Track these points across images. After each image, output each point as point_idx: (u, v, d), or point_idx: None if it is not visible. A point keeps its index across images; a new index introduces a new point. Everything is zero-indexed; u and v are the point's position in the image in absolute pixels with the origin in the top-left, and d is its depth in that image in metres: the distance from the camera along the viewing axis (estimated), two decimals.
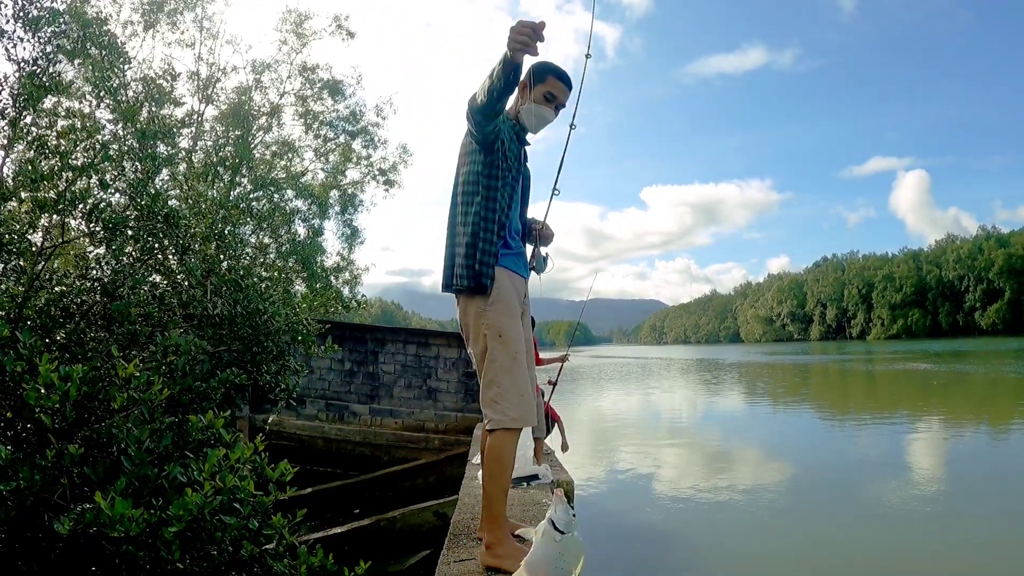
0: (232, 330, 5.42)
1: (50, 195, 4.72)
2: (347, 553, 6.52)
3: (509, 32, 2.36)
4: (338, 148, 24.01)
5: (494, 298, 2.80)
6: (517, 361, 2.77)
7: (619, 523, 9.63)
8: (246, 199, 17.82)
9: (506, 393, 2.73)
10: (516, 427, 2.74)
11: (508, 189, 2.87)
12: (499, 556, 2.65)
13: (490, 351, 2.78)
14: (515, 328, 2.82)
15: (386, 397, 12.83)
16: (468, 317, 2.87)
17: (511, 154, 2.88)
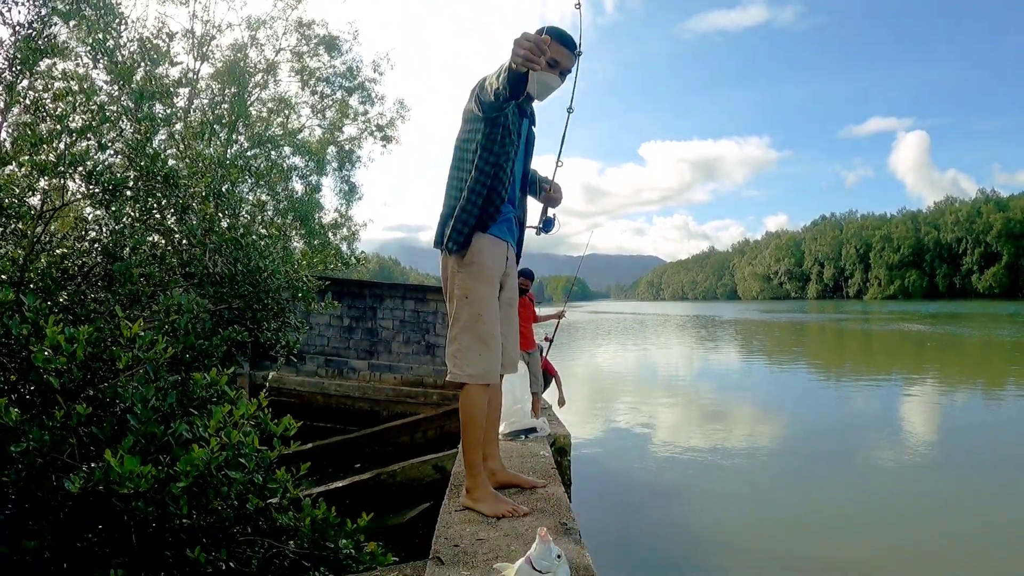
0: (233, 288, 5.47)
1: (50, 158, 4.72)
2: (348, 506, 6.62)
3: (513, 44, 2.38)
4: (335, 104, 23.81)
5: (468, 261, 2.95)
6: (480, 320, 2.92)
7: (615, 477, 9.79)
8: (243, 157, 17.70)
9: (465, 350, 2.92)
10: (474, 382, 2.92)
11: (507, 161, 2.92)
12: (476, 499, 2.88)
13: (456, 309, 2.97)
14: (484, 291, 2.96)
15: (385, 353, 12.92)
16: (445, 273, 3.05)
17: (513, 127, 2.93)
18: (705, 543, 7.31)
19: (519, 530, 2.49)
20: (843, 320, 59.15)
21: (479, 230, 2.94)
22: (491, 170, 2.88)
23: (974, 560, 6.87)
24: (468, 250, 2.94)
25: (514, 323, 3.27)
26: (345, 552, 3.54)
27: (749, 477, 9.79)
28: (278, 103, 22.79)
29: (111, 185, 4.90)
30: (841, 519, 8.03)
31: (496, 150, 2.88)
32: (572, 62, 2.95)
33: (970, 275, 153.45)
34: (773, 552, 7.00)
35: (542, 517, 2.67)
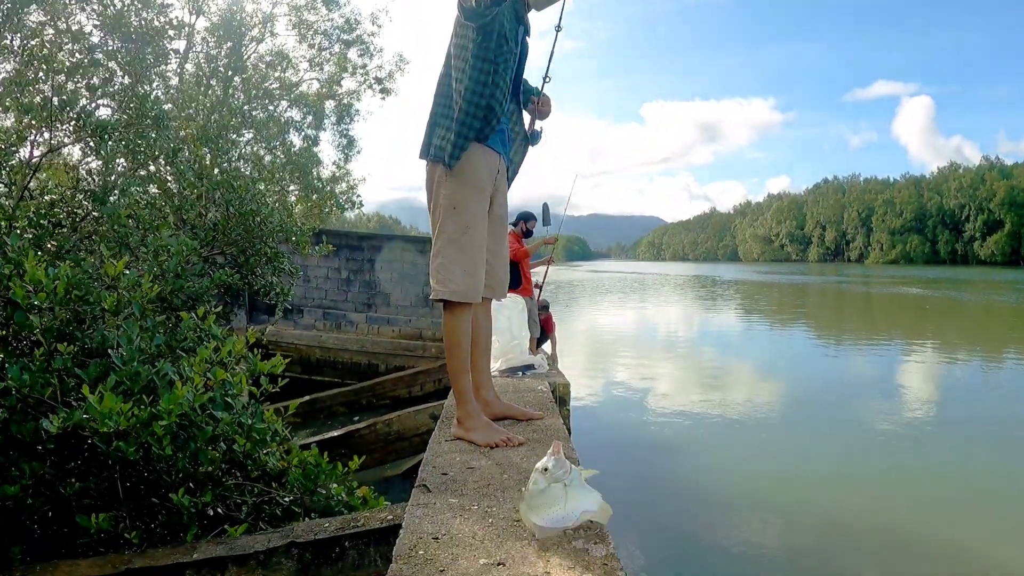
0: (226, 234, 5.37)
1: (36, 100, 4.59)
2: (343, 456, 6.62)
3: None
4: (333, 58, 23.47)
5: (457, 171, 2.74)
6: (467, 234, 2.72)
7: (613, 431, 9.80)
8: (240, 109, 17.45)
9: (450, 264, 2.71)
10: (457, 300, 2.72)
11: (505, 70, 2.75)
12: (467, 429, 2.69)
13: (442, 221, 2.75)
14: (472, 202, 2.76)
15: (383, 305, 12.87)
16: (431, 184, 2.83)
17: (511, 36, 2.76)
18: (702, 495, 7.33)
19: (513, 459, 2.38)
20: (843, 283, 59.16)
21: (475, 141, 2.75)
22: (487, 79, 2.69)
23: (970, 517, 6.89)
24: (459, 160, 2.74)
25: (504, 242, 3.09)
26: (337, 498, 3.48)
27: (747, 433, 9.80)
28: (275, 56, 22.45)
29: (99, 127, 4.78)
30: (837, 474, 8.09)
31: (491, 58, 2.69)
32: None
33: (972, 242, 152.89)
34: (770, 506, 7.01)
35: (539, 448, 2.57)
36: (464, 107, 2.69)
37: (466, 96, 2.69)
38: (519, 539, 1.68)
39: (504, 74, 2.73)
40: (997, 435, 9.82)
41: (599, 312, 30.76)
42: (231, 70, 19.05)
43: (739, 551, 6.07)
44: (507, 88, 2.79)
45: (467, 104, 2.69)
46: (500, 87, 2.73)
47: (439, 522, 1.79)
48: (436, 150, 2.75)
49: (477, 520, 1.81)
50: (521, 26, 2.86)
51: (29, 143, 4.99)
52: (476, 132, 2.71)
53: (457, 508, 1.90)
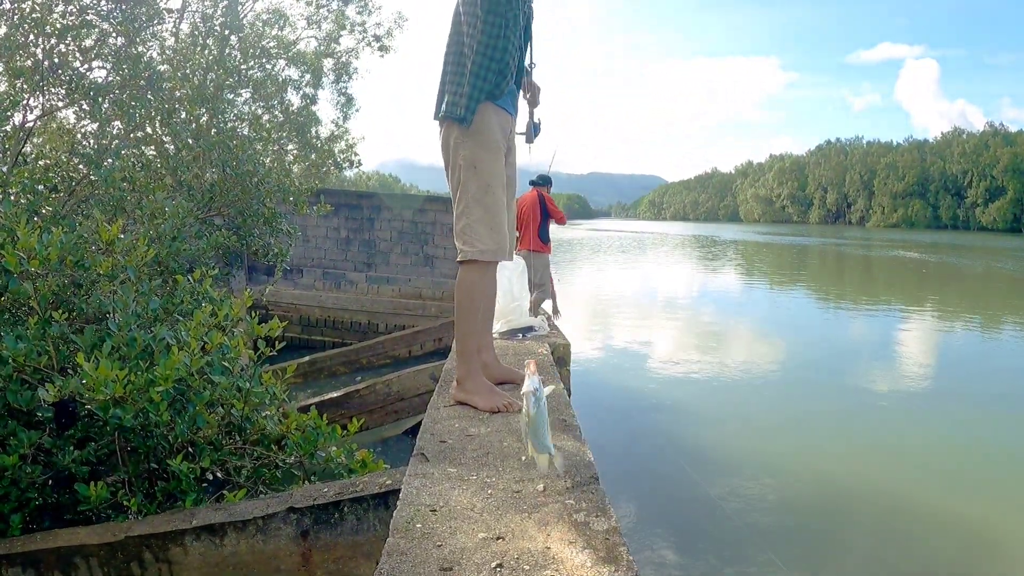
0: (223, 194, 5.32)
1: (27, 63, 4.50)
2: (343, 416, 6.65)
3: None
4: (331, 15, 23.15)
5: (474, 130, 2.69)
6: (490, 192, 2.69)
7: (613, 391, 9.83)
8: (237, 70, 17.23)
9: (476, 224, 2.68)
10: (486, 259, 2.69)
11: (516, 25, 2.69)
12: (468, 392, 2.67)
13: (463, 182, 2.71)
14: (492, 161, 2.72)
15: (383, 265, 12.84)
16: (447, 145, 2.78)
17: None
18: (699, 454, 7.37)
19: (513, 425, 2.37)
20: (842, 246, 59.09)
21: (488, 99, 2.70)
22: (499, 33, 2.63)
23: (965, 481, 6.96)
24: (475, 119, 2.69)
25: (513, 203, 3.06)
26: (336, 461, 3.49)
27: (744, 394, 9.88)
28: (272, 14, 22.14)
29: (92, 90, 4.70)
30: (832, 436, 8.18)
31: (502, 12, 2.63)
32: None
33: (974, 208, 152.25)
34: (765, 466, 7.07)
35: None
36: (478, 62, 2.64)
37: (479, 51, 2.64)
38: (518, 511, 1.66)
39: (515, 29, 2.67)
40: (990, 401, 9.86)
41: (599, 271, 30.74)
42: (228, 29, 18.79)
43: (734, 508, 6.13)
44: (518, 44, 2.73)
45: (480, 58, 2.64)
46: (512, 42, 2.67)
47: (437, 493, 1.77)
48: (450, 107, 2.70)
49: (476, 491, 1.80)
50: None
51: (22, 107, 4.91)
52: (489, 89, 2.67)
53: (455, 478, 1.89)
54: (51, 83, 4.80)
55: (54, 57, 4.77)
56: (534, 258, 6.69)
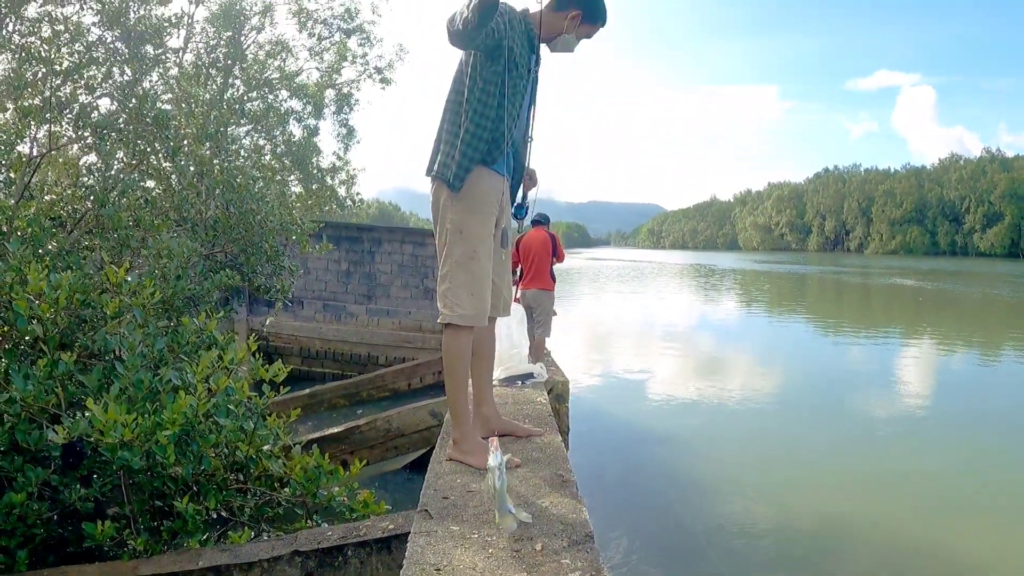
0: (226, 232, 5.37)
1: (35, 102, 4.58)
2: (343, 452, 6.67)
3: None
4: (333, 47, 23.41)
5: (463, 195, 2.75)
6: (475, 259, 2.74)
7: (612, 423, 9.85)
8: (240, 101, 17.41)
9: (458, 289, 2.73)
10: (464, 324, 2.73)
11: (513, 97, 2.75)
12: (464, 452, 2.73)
13: (449, 245, 2.76)
14: (479, 225, 2.77)
15: (383, 297, 12.88)
16: (437, 205, 2.84)
17: (521, 60, 2.75)
18: (698, 485, 7.40)
19: (513, 482, 2.42)
20: (838, 273, 59.19)
21: (482, 164, 2.76)
22: (496, 101, 2.70)
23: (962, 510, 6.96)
24: (464, 185, 2.75)
25: (507, 263, 3.10)
26: (338, 500, 3.51)
27: (743, 424, 9.90)
28: (275, 46, 22.40)
29: (99, 127, 4.77)
30: (832, 466, 8.17)
31: (499, 82, 2.69)
32: (596, 32, 2.93)
33: (972, 234, 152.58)
34: (765, 496, 7.07)
35: (537, 468, 2.60)
36: (471, 130, 2.70)
37: (473, 119, 2.70)
38: (518, 571, 1.71)
39: (514, 99, 2.73)
40: (986, 428, 9.89)
41: (598, 301, 30.79)
42: (231, 59, 19.02)
43: (734, 541, 6.13)
44: (516, 113, 2.78)
45: (474, 127, 2.70)
46: (509, 112, 2.73)
47: (441, 552, 1.82)
48: (441, 168, 2.75)
49: (478, 550, 1.84)
50: (533, 55, 2.86)
51: (29, 140, 4.98)
52: (482, 156, 2.72)
53: (458, 536, 1.94)
54: (57, 118, 4.88)
55: (61, 94, 4.85)
56: (545, 296, 6.76)
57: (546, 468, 2.61)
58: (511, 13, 2.70)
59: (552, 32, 2.83)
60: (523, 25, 2.78)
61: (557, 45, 2.86)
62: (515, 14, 2.74)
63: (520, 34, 2.73)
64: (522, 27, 2.77)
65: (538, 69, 2.94)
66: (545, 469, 2.60)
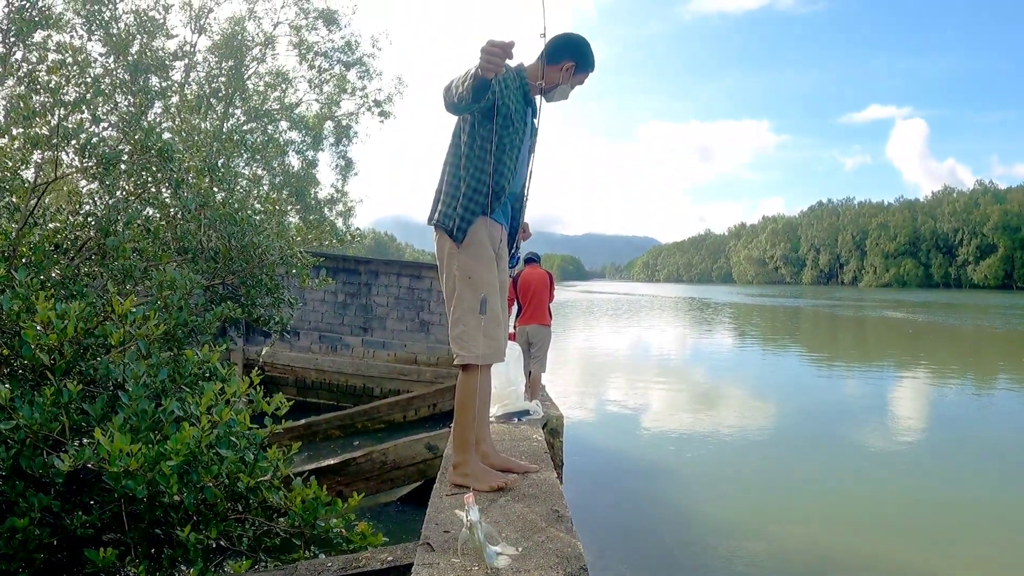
0: (227, 264, 5.44)
1: (43, 131, 4.67)
2: (340, 484, 6.69)
3: (481, 51, 2.37)
4: (332, 79, 23.70)
5: (467, 243, 2.88)
6: (486, 302, 2.85)
7: (607, 457, 9.85)
8: (239, 131, 17.60)
9: (472, 332, 2.84)
10: (484, 363, 2.86)
11: (510, 150, 2.87)
12: (466, 475, 2.83)
13: (458, 291, 2.89)
14: (485, 272, 2.90)
15: (379, 329, 12.94)
16: (442, 254, 2.97)
17: (517, 116, 2.88)
18: (692, 519, 7.40)
19: (511, 516, 2.49)
20: (831, 307, 59.40)
21: (481, 214, 2.88)
22: (493, 157, 2.81)
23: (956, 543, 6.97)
24: (466, 237, 2.88)
25: (505, 305, 3.23)
26: (336, 531, 3.55)
27: (738, 459, 9.89)
28: (275, 77, 22.68)
29: (105, 159, 4.85)
30: (828, 501, 8.16)
31: (495, 139, 2.81)
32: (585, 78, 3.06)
33: (966, 266, 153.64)
34: (762, 533, 7.06)
35: (533, 503, 2.66)
36: (472, 185, 2.84)
37: (474, 175, 2.84)
38: None
39: (511, 152, 2.86)
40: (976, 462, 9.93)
41: (593, 334, 30.82)
42: (232, 89, 19.25)
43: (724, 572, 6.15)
44: (513, 166, 2.90)
45: (475, 182, 2.83)
46: (506, 165, 2.86)
47: None
48: (443, 218, 2.88)
49: None
50: (530, 108, 2.99)
51: (33, 167, 5.06)
52: (482, 208, 2.85)
53: (460, 569, 2.00)
54: (64, 147, 4.96)
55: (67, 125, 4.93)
56: (543, 331, 6.86)
57: (542, 504, 2.67)
58: (505, 71, 2.82)
59: (548, 84, 2.96)
60: (518, 80, 2.93)
61: (554, 96, 3.01)
62: (509, 70, 2.87)
63: (515, 90, 2.87)
64: (517, 82, 2.91)
65: (536, 120, 3.07)
66: (541, 505, 2.66)
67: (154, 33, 11.92)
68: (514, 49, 2.39)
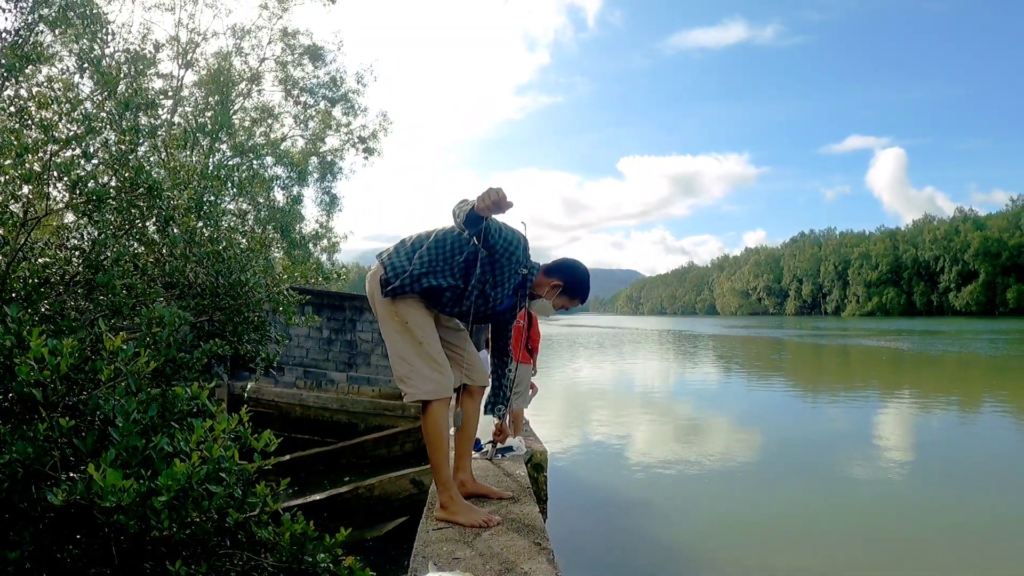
0: (214, 301, 5.49)
1: (34, 168, 4.73)
2: (326, 519, 6.68)
3: (483, 192, 2.57)
4: (318, 115, 23.91)
5: (398, 300, 3.09)
6: (424, 344, 3.03)
7: (591, 491, 9.86)
8: (225, 166, 17.71)
9: (418, 369, 3.02)
10: (434, 398, 2.99)
11: (447, 276, 3.05)
12: (453, 512, 2.96)
13: (399, 335, 3.08)
14: (420, 318, 3.08)
15: (364, 365, 12.95)
16: (373, 297, 3.17)
17: (469, 257, 3.04)
18: (679, 556, 7.39)
19: (494, 549, 2.56)
20: (818, 336, 59.74)
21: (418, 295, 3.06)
22: (433, 268, 3.02)
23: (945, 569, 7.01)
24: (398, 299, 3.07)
25: (467, 337, 3.37)
26: (323, 566, 3.57)
27: (723, 491, 9.91)
28: (261, 112, 22.88)
29: (94, 195, 4.91)
30: (815, 531, 8.17)
31: (478, 264, 2.98)
32: (574, 305, 3.23)
33: (947, 293, 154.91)
34: (748, 565, 7.08)
35: (516, 537, 2.73)
36: (414, 271, 3.02)
37: (434, 277, 3.03)
38: None
39: (448, 279, 3.03)
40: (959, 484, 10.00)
41: (577, 368, 30.83)
42: (218, 124, 19.40)
43: None
44: (455, 287, 3.05)
45: (428, 280, 3.03)
46: (446, 283, 3.03)
47: None
48: (391, 269, 3.07)
49: None
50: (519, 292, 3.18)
51: (23, 202, 5.09)
52: (418, 294, 3.06)
53: None
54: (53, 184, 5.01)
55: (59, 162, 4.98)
56: (523, 369, 6.92)
57: (524, 537, 2.75)
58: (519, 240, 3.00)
59: (535, 289, 3.11)
60: (525, 255, 3.10)
61: (534, 305, 3.16)
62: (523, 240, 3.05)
63: (513, 260, 3.04)
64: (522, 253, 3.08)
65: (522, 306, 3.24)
66: (523, 538, 2.74)
67: (143, 70, 12.05)
68: (508, 209, 2.57)
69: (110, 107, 6.47)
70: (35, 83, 5.95)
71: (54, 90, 5.49)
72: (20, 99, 5.50)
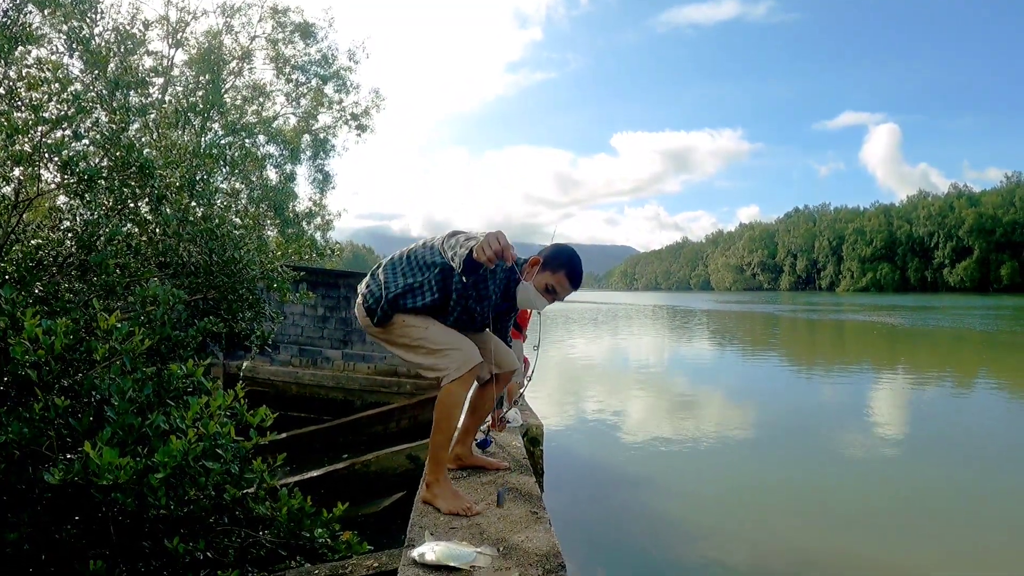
0: (208, 279, 5.48)
1: (25, 148, 4.70)
2: (323, 496, 6.71)
3: (483, 240, 2.52)
4: (310, 93, 23.74)
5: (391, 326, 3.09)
6: (427, 337, 3.00)
7: (587, 465, 9.91)
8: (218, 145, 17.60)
9: (437, 360, 2.98)
10: (461, 373, 2.92)
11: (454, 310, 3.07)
12: (435, 495, 2.89)
13: (406, 350, 3.10)
14: (414, 324, 3.05)
15: (359, 342, 12.95)
16: (369, 330, 3.21)
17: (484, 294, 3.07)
18: (674, 524, 7.46)
19: (491, 519, 2.58)
20: (813, 311, 59.92)
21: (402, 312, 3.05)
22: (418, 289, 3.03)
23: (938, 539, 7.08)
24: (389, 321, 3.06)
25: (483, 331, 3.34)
26: (321, 541, 3.61)
27: (716, 464, 9.98)
28: (253, 91, 22.71)
29: (86, 175, 4.89)
30: (807, 503, 8.25)
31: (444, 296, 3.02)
32: (568, 294, 3.14)
33: (941, 269, 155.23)
34: (741, 536, 7.15)
35: (512, 507, 2.75)
36: (389, 295, 3.03)
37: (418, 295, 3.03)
38: None
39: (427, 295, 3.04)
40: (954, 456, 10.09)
41: (571, 344, 30.89)
42: (209, 103, 19.25)
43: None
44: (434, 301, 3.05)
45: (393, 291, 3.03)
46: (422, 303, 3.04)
47: None
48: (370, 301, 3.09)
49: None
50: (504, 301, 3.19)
51: (14, 183, 5.07)
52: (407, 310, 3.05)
53: (444, 572, 2.09)
54: (44, 165, 4.98)
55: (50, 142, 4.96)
56: (515, 345, 6.93)
57: (521, 507, 2.77)
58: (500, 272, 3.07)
59: (525, 277, 3.08)
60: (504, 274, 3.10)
61: (520, 297, 3.10)
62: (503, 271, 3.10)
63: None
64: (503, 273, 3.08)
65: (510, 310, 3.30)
66: (520, 508, 2.75)
67: (133, 49, 11.93)
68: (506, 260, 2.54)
69: (100, 87, 6.41)
70: (24, 64, 5.89)
71: (44, 71, 5.43)
72: (9, 80, 5.44)
